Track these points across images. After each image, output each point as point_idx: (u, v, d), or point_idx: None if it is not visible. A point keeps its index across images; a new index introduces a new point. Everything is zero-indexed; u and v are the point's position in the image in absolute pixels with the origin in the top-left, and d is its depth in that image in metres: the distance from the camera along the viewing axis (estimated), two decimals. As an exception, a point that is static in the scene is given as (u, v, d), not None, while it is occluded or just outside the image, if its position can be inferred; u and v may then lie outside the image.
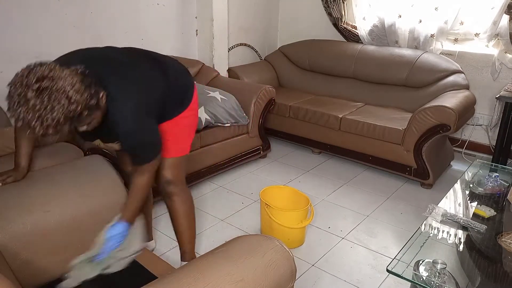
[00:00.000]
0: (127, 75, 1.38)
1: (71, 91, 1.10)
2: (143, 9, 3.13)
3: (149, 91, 1.43)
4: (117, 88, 1.30)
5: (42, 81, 1.08)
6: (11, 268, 1.26)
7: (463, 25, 3.22)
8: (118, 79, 1.33)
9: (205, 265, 1.02)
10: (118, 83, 1.32)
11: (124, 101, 1.31)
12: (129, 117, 1.32)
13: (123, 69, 1.39)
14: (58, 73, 1.11)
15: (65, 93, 1.09)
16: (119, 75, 1.35)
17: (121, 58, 1.45)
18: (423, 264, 1.41)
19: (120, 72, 1.37)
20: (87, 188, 1.50)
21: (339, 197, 2.78)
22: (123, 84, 1.34)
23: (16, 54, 2.49)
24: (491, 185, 1.99)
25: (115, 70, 1.36)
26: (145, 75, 1.46)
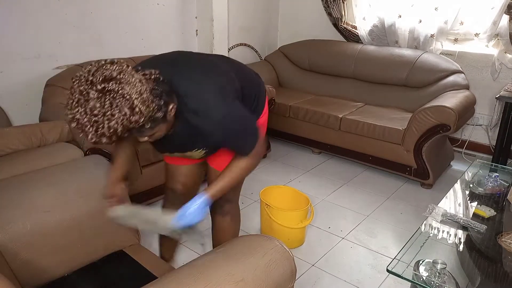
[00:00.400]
0: (202, 69, 1.27)
1: (137, 100, 0.98)
2: (143, 9, 3.13)
3: (228, 79, 1.30)
4: (194, 85, 1.19)
5: (108, 82, 0.96)
6: (11, 268, 1.26)
7: (463, 25, 3.22)
8: (194, 75, 1.23)
9: (205, 265, 1.02)
10: (194, 80, 1.21)
11: (204, 91, 1.19)
12: (216, 103, 1.19)
13: (196, 65, 1.29)
14: (128, 77, 0.98)
15: (130, 101, 0.97)
16: (194, 72, 1.25)
17: (193, 56, 1.36)
18: (423, 264, 1.41)
19: (193, 69, 1.26)
20: (87, 188, 1.50)
21: (339, 197, 2.78)
22: (200, 79, 1.22)
23: (16, 54, 2.50)
24: (491, 185, 1.99)
25: (189, 68, 1.26)
26: (221, 69, 1.33)
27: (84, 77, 0.97)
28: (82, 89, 0.96)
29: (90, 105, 0.95)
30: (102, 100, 0.95)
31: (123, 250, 1.55)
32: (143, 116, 1.00)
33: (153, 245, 2.14)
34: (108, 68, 0.98)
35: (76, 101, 0.96)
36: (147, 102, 1.01)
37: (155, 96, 1.04)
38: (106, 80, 0.96)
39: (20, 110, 2.57)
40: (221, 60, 1.44)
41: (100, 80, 0.96)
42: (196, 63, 1.32)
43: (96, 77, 0.96)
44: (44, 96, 2.51)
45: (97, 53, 2.86)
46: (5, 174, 1.66)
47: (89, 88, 0.95)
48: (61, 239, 1.39)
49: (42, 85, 2.54)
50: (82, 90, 0.96)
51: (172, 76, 1.16)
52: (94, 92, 0.95)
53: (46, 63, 2.63)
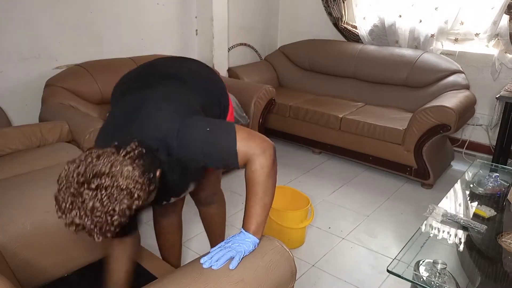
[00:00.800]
0: (156, 111, 1.16)
1: (134, 188, 0.94)
2: (143, 9, 3.12)
3: (185, 107, 1.21)
4: (157, 129, 1.12)
5: (101, 178, 0.91)
6: (11, 268, 1.26)
7: (463, 25, 3.22)
8: (153, 121, 1.14)
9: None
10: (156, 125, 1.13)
11: (166, 126, 1.12)
12: (178, 125, 1.11)
13: (149, 108, 1.17)
14: (119, 168, 0.94)
15: (127, 191, 0.93)
16: (151, 117, 1.15)
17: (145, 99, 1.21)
18: (423, 264, 1.41)
19: (149, 113, 1.15)
20: (87, 188, 1.49)
21: (339, 197, 2.77)
22: (158, 122, 1.14)
23: (16, 54, 2.49)
24: (491, 185, 1.99)
25: (144, 115, 1.15)
26: (177, 101, 1.22)
27: (72, 177, 0.92)
28: (73, 191, 0.90)
29: (89, 206, 0.90)
30: (99, 197, 0.90)
31: (123, 250, 1.55)
32: (142, 198, 0.97)
33: (153, 245, 2.14)
34: (96, 164, 0.93)
35: (69, 204, 0.91)
36: (143, 186, 0.97)
37: (146, 173, 0.99)
38: (98, 176, 0.91)
39: (20, 110, 2.57)
40: (178, 84, 1.30)
41: (91, 178, 0.91)
42: (148, 106, 1.18)
43: (87, 176, 0.91)
44: (44, 96, 2.51)
45: (97, 53, 2.86)
46: (5, 174, 1.66)
47: (81, 189, 0.90)
48: (61, 239, 1.39)
49: (42, 85, 2.54)
50: (73, 192, 0.90)
51: (135, 128, 1.11)
52: (89, 192, 0.90)
53: (46, 63, 2.63)
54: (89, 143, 2.05)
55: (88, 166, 0.92)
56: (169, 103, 1.19)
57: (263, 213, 1.14)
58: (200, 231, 2.32)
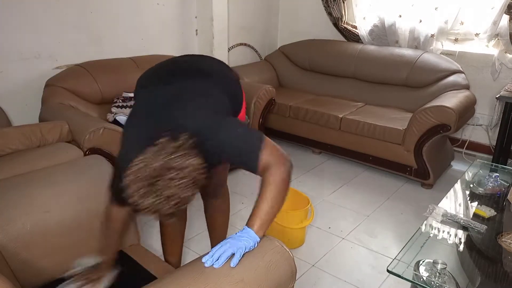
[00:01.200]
0: (197, 104, 1.27)
1: (198, 176, 1.09)
2: (143, 9, 3.12)
3: (221, 103, 1.33)
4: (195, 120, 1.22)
5: (172, 170, 1.04)
6: (11, 268, 1.26)
7: (463, 25, 3.22)
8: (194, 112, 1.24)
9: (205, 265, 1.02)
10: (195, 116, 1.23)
11: (203, 120, 1.22)
12: (216, 122, 1.23)
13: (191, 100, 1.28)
14: (186, 160, 1.07)
15: (195, 181, 1.08)
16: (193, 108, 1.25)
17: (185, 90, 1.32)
18: (423, 264, 1.41)
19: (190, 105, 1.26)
20: (87, 188, 1.50)
21: (339, 197, 2.77)
22: (196, 113, 1.24)
23: (16, 54, 2.49)
24: (491, 185, 1.99)
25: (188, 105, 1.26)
26: (212, 97, 1.33)
27: (144, 172, 1.04)
28: (151, 181, 1.03)
29: (165, 194, 1.02)
30: (172, 186, 1.03)
31: (123, 250, 1.55)
32: (201, 183, 1.11)
33: (153, 245, 2.14)
34: (168, 158, 1.05)
35: (146, 193, 1.03)
36: (203, 173, 1.11)
37: (202, 162, 1.11)
38: (171, 169, 1.04)
39: (20, 110, 2.57)
40: (214, 82, 1.40)
41: (165, 170, 1.03)
42: (190, 98, 1.29)
43: (161, 169, 1.03)
44: (44, 96, 2.51)
45: (97, 53, 2.86)
46: (5, 174, 1.66)
47: (157, 180, 1.03)
48: (61, 239, 1.39)
49: (42, 85, 2.54)
50: (150, 182, 1.02)
51: (179, 119, 1.21)
52: (163, 182, 1.03)
53: (46, 63, 2.63)
54: (89, 143, 2.05)
55: (161, 160, 1.04)
56: (207, 100, 1.29)
57: (269, 214, 1.17)
58: (200, 231, 2.32)
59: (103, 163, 1.67)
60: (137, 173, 1.04)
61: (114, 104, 2.60)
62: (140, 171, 1.04)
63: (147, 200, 1.03)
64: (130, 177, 1.05)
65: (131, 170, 1.05)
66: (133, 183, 1.04)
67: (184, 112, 1.23)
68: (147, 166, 1.04)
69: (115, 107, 2.58)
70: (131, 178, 1.05)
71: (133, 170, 1.05)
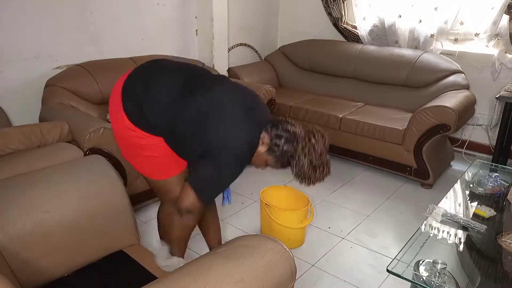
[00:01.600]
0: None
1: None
2: (143, 9, 3.13)
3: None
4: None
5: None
6: (11, 268, 1.26)
7: (463, 25, 3.22)
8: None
9: (205, 265, 1.02)
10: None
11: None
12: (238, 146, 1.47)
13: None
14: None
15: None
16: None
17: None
18: (423, 264, 1.41)
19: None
20: (87, 188, 1.50)
21: (339, 197, 2.78)
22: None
23: (16, 54, 2.50)
24: (491, 185, 1.99)
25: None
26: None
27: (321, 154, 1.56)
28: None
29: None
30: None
31: (123, 250, 1.55)
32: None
33: (153, 245, 2.14)
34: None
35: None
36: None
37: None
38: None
39: (20, 110, 2.57)
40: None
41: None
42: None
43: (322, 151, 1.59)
44: (44, 96, 2.51)
45: (97, 53, 2.86)
46: (5, 174, 1.66)
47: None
48: (61, 239, 1.39)
49: (42, 85, 2.54)
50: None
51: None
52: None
53: (46, 63, 2.63)
54: (89, 143, 2.05)
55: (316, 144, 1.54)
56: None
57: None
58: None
59: (103, 163, 1.67)
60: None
61: (114, 104, 2.60)
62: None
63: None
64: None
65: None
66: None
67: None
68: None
69: (115, 107, 2.58)
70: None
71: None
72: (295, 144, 1.44)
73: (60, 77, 2.56)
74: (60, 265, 1.39)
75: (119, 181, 1.60)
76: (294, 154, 1.44)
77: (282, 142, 1.44)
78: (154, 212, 2.51)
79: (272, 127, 1.46)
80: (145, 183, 2.39)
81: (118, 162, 2.13)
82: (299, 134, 1.46)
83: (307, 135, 1.45)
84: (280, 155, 1.46)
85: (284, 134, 1.44)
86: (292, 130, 1.45)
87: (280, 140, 1.44)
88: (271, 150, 1.46)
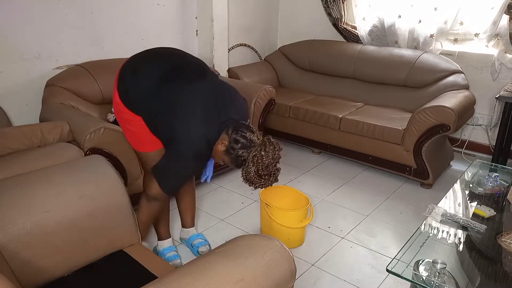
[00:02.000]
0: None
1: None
2: (143, 9, 3.13)
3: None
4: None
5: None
6: (11, 268, 1.27)
7: (463, 25, 3.22)
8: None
9: (205, 265, 1.02)
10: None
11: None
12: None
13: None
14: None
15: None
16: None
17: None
18: (423, 264, 1.41)
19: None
20: (87, 188, 1.50)
21: (339, 197, 2.78)
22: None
23: (16, 54, 2.50)
24: (491, 185, 2.00)
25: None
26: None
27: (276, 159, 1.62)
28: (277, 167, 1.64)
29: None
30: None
31: (123, 250, 1.56)
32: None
33: (153, 245, 2.15)
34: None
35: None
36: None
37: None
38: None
39: (20, 110, 2.57)
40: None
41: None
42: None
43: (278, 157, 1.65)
44: (44, 96, 2.51)
45: (97, 53, 2.86)
46: (5, 174, 1.66)
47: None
48: (61, 239, 1.39)
49: (42, 85, 2.54)
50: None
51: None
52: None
53: (46, 63, 2.63)
54: (90, 143, 2.05)
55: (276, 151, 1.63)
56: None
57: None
58: (200, 231, 2.32)
59: (103, 163, 1.67)
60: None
61: (114, 104, 2.60)
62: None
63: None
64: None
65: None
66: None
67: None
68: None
69: (115, 107, 2.58)
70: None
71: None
72: (249, 151, 1.57)
73: (60, 77, 2.56)
74: (60, 265, 1.39)
75: (119, 181, 1.60)
76: (246, 160, 1.58)
77: (238, 146, 1.57)
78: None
79: (233, 131, 1.59)
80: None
81: (118, 162, 2.13)
82: (255, 142, 1.58)
83: (260, 146, 1.58)
84: (235, 157, 1.60)
85: (241, 139, 1.57)
86: (250, 138, 1.58)
87: (237, 144, 1.57)
88: (228, 151, 1.60)
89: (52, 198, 1.41)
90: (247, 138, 1.58)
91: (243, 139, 1.57)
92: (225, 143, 1.59)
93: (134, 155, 2.23)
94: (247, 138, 1.58)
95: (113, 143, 2.12)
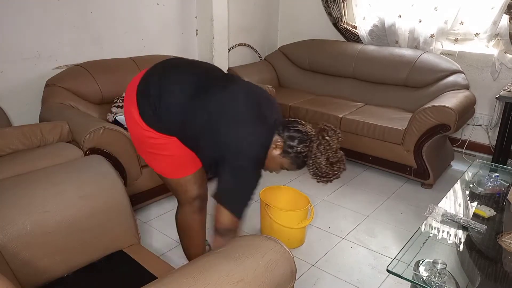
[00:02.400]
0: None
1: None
2: (143, 9, 3.13)
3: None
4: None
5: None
6: (11, 268, 1.27)
7: (463, 25, 3.22)
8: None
9: (205, 265, 1.02)
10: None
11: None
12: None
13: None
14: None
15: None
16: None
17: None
18: (423, 264, 1.41)
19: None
20: (87, 188, 1.50)
21: (339, 197, 2.78)
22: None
23: (16, 54, 2.50)
24: (491, 185, 1.99)
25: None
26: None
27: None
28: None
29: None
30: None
31: (123, 250, 1.56)
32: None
33: (153, 245, 2.15)
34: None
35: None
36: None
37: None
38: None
39: (20, 110, 2.57)
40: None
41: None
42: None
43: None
44: (44, 96, 2.51)
45: (97, 53, 2.86)
46: (5, 174, 1.66)
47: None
48: (61, 239, 1.39)
49: (42, 85, 2.54)
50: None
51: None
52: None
53: (46, 63, 2.63)
54: (89, 143, 2.05)
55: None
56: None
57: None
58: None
59: (103, 163, 1.67)
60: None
61: (114, 104, 2.60)
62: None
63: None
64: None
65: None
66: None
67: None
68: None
69: (115, 107, 2.58)
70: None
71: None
72: (309, 144, 1.42)
73: (60, 77, 2.56)
74: (60, 265, 1.39)
75: (119, 181, 1.60)
76: (310, 153, 1.42)
77: (295, 143, 1.42)
78: (154, 212, 2.52)
79: (283, 129, 1.44)
80: (146, 183, 2.40)
81: (118, 162, 2.13)
82: (310, 133, 1.44)
83: (320, 133, 1.43)
84: (295, 156, 1.44)
85: (296, 134, 1.43)
86: (304, 130, 1.44)
87: (294, 141, 1.42)
88: (285, 152, 1.44)
89: (52, 198, 1.41)
90: (301, 132, 1.43)
91: (298, 133, 1.42)
92: (280, 144, 1.44)
93: (134, 155, 2.23)
94: (302, 131, 1.43)
95: (113, 143, 2.12)
